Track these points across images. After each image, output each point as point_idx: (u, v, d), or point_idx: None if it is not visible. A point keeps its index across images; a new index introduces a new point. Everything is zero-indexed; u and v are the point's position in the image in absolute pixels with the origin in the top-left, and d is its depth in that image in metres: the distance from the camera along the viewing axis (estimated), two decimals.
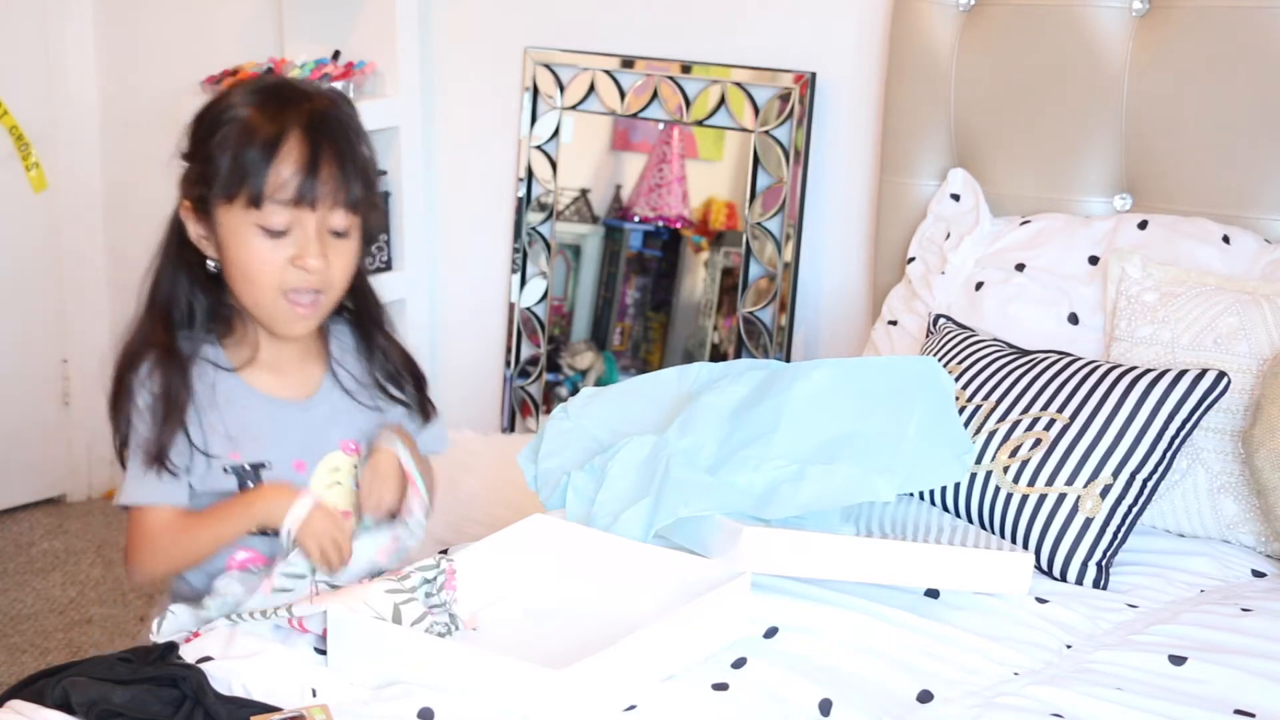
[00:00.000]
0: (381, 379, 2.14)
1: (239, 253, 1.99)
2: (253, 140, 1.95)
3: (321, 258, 1.98)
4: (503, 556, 2.07)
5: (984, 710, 1.81)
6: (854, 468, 2.12)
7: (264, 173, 1.94)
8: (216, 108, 2.01)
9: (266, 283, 2.00)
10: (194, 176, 2.02)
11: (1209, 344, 2.30)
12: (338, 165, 1.97)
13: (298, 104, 1.98)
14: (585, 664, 1.75)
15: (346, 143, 1.99)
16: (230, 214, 1.98)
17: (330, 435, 2.10)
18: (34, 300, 4.09)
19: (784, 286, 3.07)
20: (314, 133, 1.96)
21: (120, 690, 1.78)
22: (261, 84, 2.02)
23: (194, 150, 2.02)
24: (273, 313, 2.03)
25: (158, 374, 2.02)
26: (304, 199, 1.96)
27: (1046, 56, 2.65)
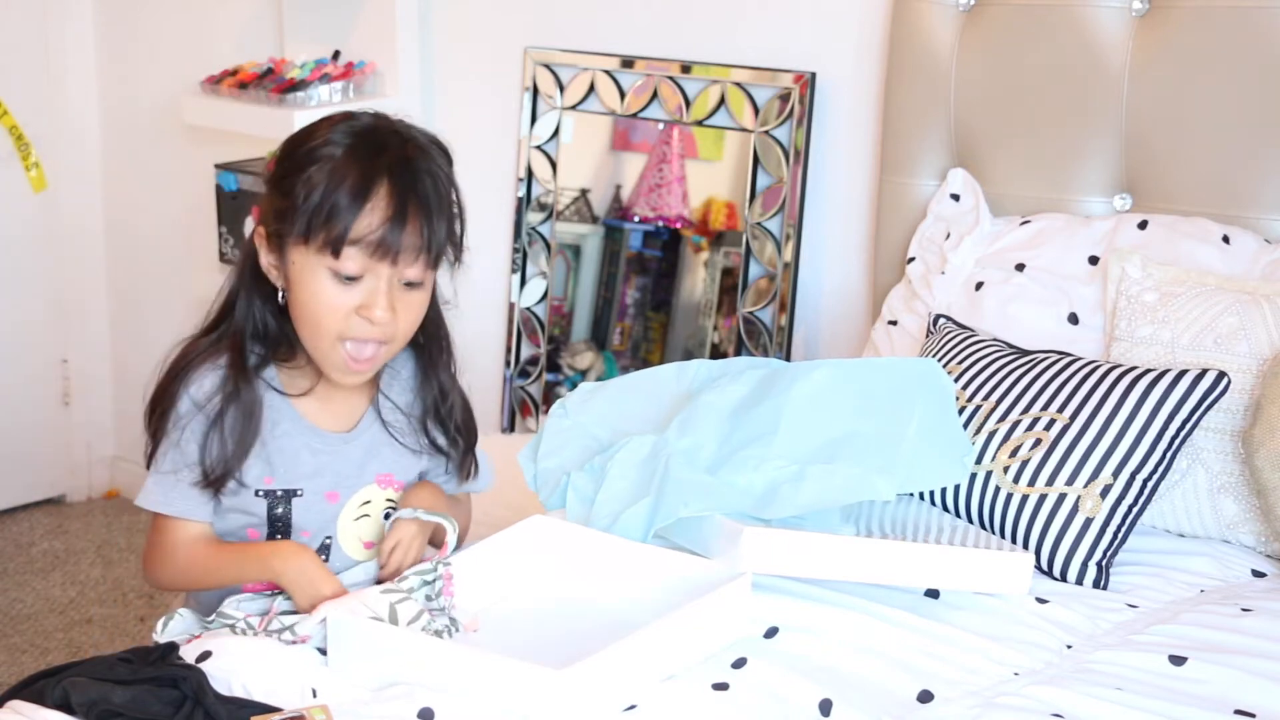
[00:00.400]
0: (430, 424, 2.10)
1: (306, 293, 1.94)
2: (340, 185, 1.90)
3: (389, 310, 1.94)
4: (503, 557, 2.07)
5: (984, 710, 1.81)
6: (854, 468, 2.12)
7: (348, 221, 1.89)
8: (308, 143, 1.96)
9: (328, 327, 1.95)
10: (273, 208, 1.96)
11: (1209, 344, 2.30)
12: (423, 219, 1.92)
13: (391, 151, 1.93)
14: (585, 664, 1.75)
15: (435, 195, 1.94)
16: (304, 254, 1.93)
17: (367, 468, 2.07)
18: (34, 300, 4.09)
19: (784, 286, 3.07)
20: (403, 184, 1.92)
21: (120, 690, 1.78)
22: (358, 124, 1.96)
23: (278, 181, 1.97)
24: (328, 359, 1.99)
25: (225, 388, 1.98)
26: (383, 252, 1.91)
27: (1046, 56, 2.65)
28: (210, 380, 1.99)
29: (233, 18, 3.80)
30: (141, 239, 4.14)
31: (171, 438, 2.00)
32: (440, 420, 2.10)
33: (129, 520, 4.07)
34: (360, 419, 2.07)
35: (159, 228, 4.09)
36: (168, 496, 2.01)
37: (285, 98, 3.39)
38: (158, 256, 4.10)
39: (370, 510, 2.07)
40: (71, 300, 4.15)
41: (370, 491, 2.07)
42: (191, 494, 2.00)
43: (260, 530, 2.04)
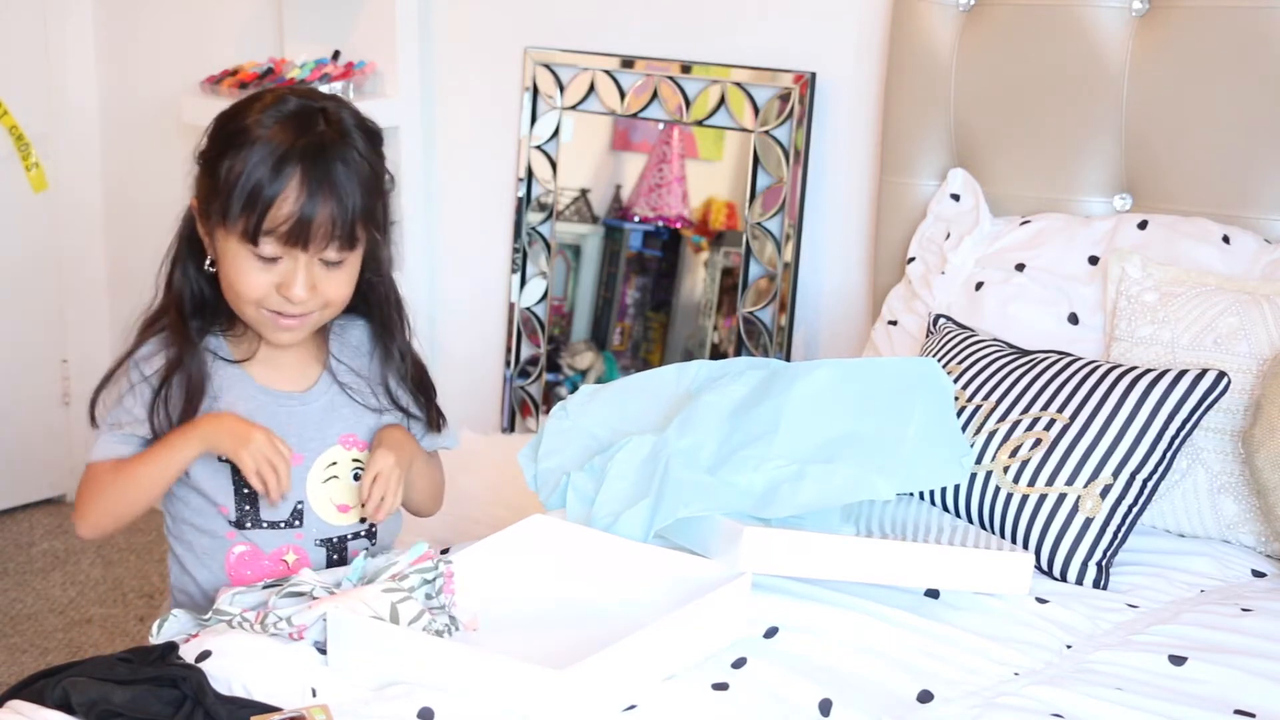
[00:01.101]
0: (393, 385, 2.15)
1: (229, 269, 2.02)
2: (257, 174, 1.96)
3: (308, 289, 2.00)
4: (503, 557, 2.07)
5: (984, 710, 1.81)
6: (854, 468, 2.12)
7: (262, 210, 1.96)
8: (234, 122, 2.02)
9: (249, 299, 2.02)
10: (202, 185, 2.04)
11: (1209, 344, 2.30)
12: (336, 205, 1.98)
13: (309, 137, 1.98)
14: (585, 664, 1.75)
15: (349, 183, 1.99)
16: (225, 235, 2.00)
17: (328, 430, 2.11)
18: (34, 300, 4.09)
19: (784, 286, 3.07)
20: (316, 172, 1.97)
21: (120, 690, 1.78)
22: (285, 108, 2.01)
23: (207, 158, 2.04)
24: (255, 322, 2.06)
25: (168, 354, 2.05)
26: (294, 239, 1.98)
27: (1046, 56, 2.65)
28: (151, 348, 2.07)
29: (233, 18, 3.79)
30: (141, 239, 4.13)
31: (114, 395, 2.07)
32: (399, 382, 2.16)
33: None
34: (316, 381, 2.12)
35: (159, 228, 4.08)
36: (102, 444, 2.06)
37: None
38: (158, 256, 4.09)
39: (338, 471, 2.10)
40: (71, 300, 4.15)
41: (335, 453, 2.10)
42: (120, 437, 2.06)
43: (229, 505, 2.07)
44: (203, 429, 2.02)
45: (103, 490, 2.06)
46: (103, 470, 2.06)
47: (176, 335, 2.07)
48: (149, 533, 3.98)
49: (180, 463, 2.03)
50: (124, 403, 2.07)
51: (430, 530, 2.49)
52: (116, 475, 2.05)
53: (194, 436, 2.02)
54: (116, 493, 2.05)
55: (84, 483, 2.09)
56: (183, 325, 2.07)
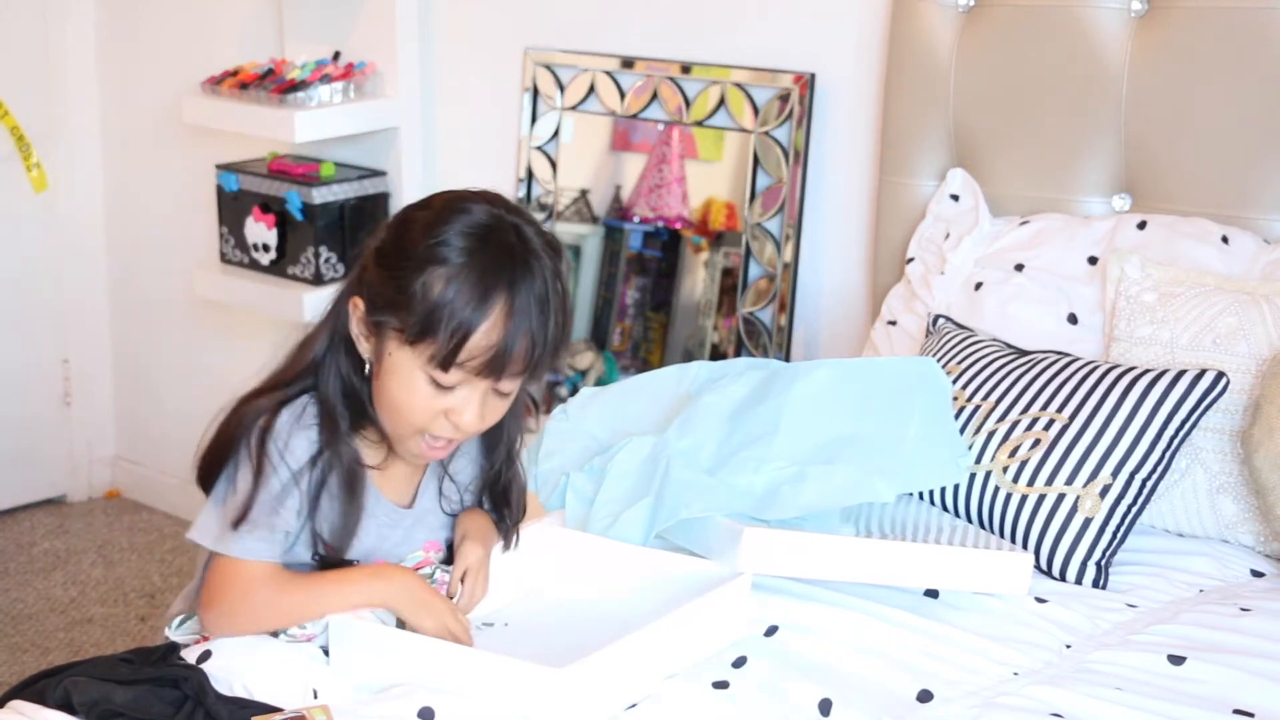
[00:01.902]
0: (484, 497, 2.08)
1: (397, 386, 1.90)
2: (458, 302, 1.84)
3: (479, 419, 1.91)
4: (504, 559, 2.07)
5: (984, 710, 1.81)
6: (854, 469, 2.13)
7: (459, 341, 1.85)
8: (431, 231, 1.88)
9: (412, 422, 1.91)
10: (381, 294, 1.89)
11: (1208, 344, 2.30)
12: (535, 342, 1.88)
13: (511, 264, 1.87)
14: (585, 663, 1.75)
15: (548, 310, 1.89)
16: (405, 352, 1.88)
17: (415, 537, 2.03)
18: (34, 300, 4.09)
19: (784, 287, 3.07)
20: (520, 306, 1.86)
21: (121, 690, 1.78)
22: (474, 221, 1.89)
23: (392, 265, 1.89)
24: (403, 444, 1.95)
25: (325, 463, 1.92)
26: (488, 372, 1.87)
27: (1046, 56, 2.65)
28: (299, 443, 1.92)
29: (233, 18, 3.80)
30: (142, 239, 4.14)
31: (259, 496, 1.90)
32: (493, 495, 2.08)
33: (130, 520, 4.07)
34: (418, 491, 2.04)
35: (159, 228, 4.09)
36: (245, 540, 1.90)
37: (286, 98, 3.39)
38: (158, 257, 4.10)
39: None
40: (72, 300, 4.15)
41: (415, 557, 2.04)
42: (278, 540, 1.92)
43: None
44: (382, 589, 1.91)
45: (256, 601, 1.90)
46: (253, 575, 1.90)
47: (332, 437, 1.92)
48: (150, 533, 3.98)
49: (344, 609, 1.90)
50: (279, 510, 1.90)
51: None
52: (276, 595, 1.89)
53: (371, 592, 1.91)
54: (274, 615, 1.90)
55: (226, 583, 1.90)
56: (334, 425, 1.93)
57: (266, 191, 3.50)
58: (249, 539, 1.90)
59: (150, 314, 4.15)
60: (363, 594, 1.91)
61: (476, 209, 1.90)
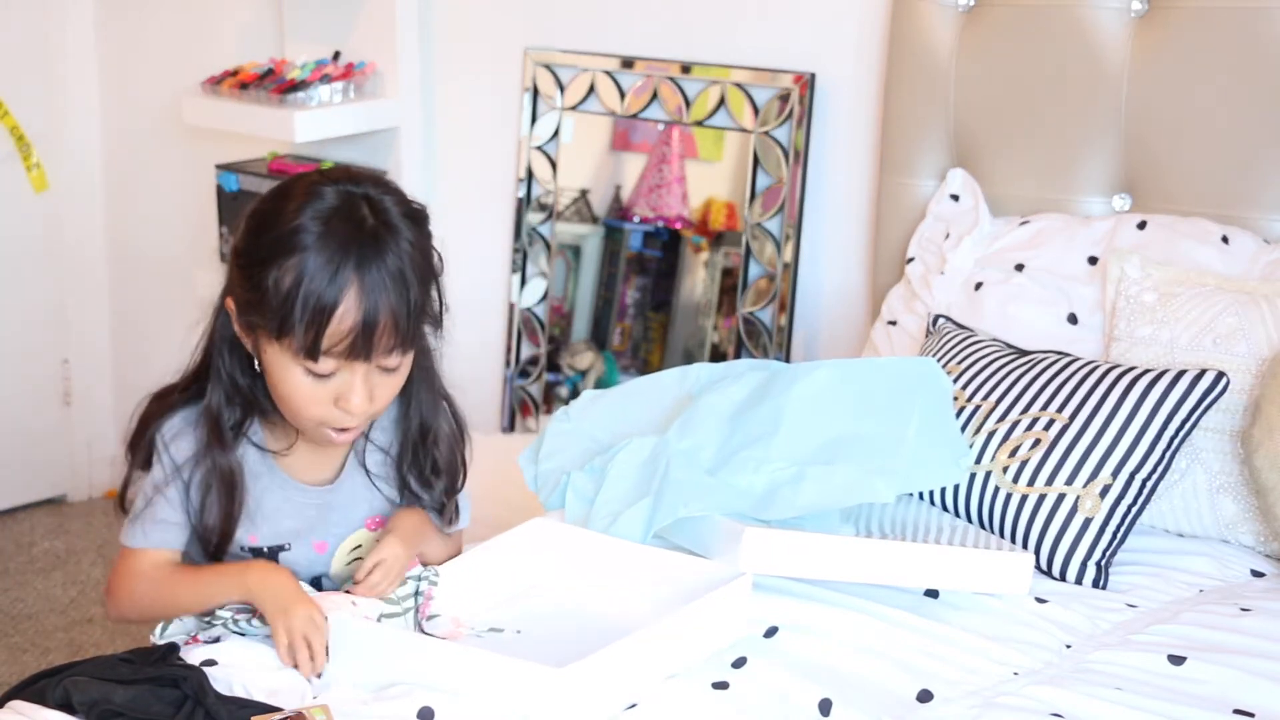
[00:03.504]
0: (406, 463, 2.05)
1: (281, 383, 1.90)
2: (309, 289, 1.82)
3: (367, 400, 1.89)
4: (504, 559, 2.07)
5: (984, 710, 1.81)
6: (854, 469, 2.13)
7: (319, 331, 1.83)
8: (273, 224, 1.87)
9: (306, 415, 1.91)
10: (243, 294, 1.89)
11: (1208, 344, 2.30)
12: (397, 314, 1.85)
13: (361, 240, 1.84)
14: (585, 663, 1.75)
15: (406, 281, 1.86)
16: (274, 348, 1.88)
17: (353, 514, 2.03)
18: (34, 300, 4.09)
19: (784, 286, 3.07)
20: (374, 281, 1.84)
21: (121, 690, 1.78)
22: (325, 204, 1.86)
23: (246, 266, 1.88)
24: (311, 435, 1.96)
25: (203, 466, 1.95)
26: (356, 353, 1.85)
27: (1046, 56, 2.65)
28: (186, 441, 1.96)
29: (233, 18, 3.79)
30: (142, 239, 4.14)
31: (151, 488, 1.97)
32: (416, 461, 2.05)
33: None
34: (342, 468, 2.03)
35: (160, 228, 4.08)
36: (146, 531, 1.97)
37: (286, 98, 3.39)
38: (158, 257, 4.10)
39: (363, 553, 2.03)
40: (72, 300, 4.15)
41: (361, 535, 2.04)
42: (159, 524, 1.97)
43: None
44: (251, 583, 1.91)
45: (138, 590, 1.97)
46: (140, 565, 1.97)
47: (212, 440, 1.95)
48: None
49: (219, 602, 1.93)
50: (157, 504, 1.96)
51: None
52: (156, 585, 1.96)
53: (240, 586, 1.92)
54: (151, 602, 1.97)
55: (120, 570, 1.99)
56: (219, 430, 1.95)
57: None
58: (136, 529, 1.97)
59: (150, 314, 4.15)
60: (231, 589, 1.93)
61: (325, 191, 1.88)
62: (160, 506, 1.96)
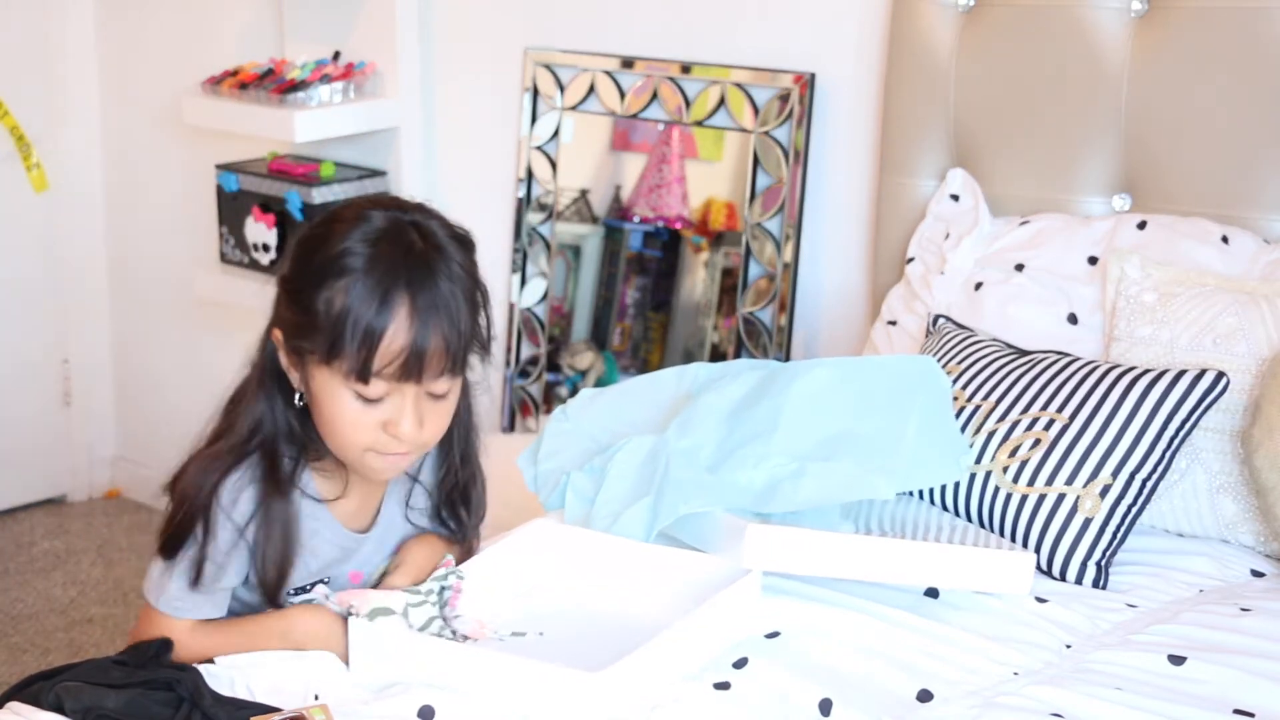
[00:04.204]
0: (443, 504, 2.06)
1: (330, 410, 1.88)
2: (360, 310, 1.82)
3: (416, 426, 1.87)
4: (509, 560, 2.07)
5: (984, 710, 1.81)
6: (854, 466, 2.13)
7: (370, 349, 1.82)
8: (323, 250, 1.86)
9: (355, 443, 1.89)
10: (292, 319, 1.88)
11: (1208, 344, 2.30)
12: (447, 335, 1.85)
13: (411, 263, 1.84)
14: (619, 666, 1.75)
15: (457, 303, 1.86)
16: (326, 374, 1.86)
17: (386, 547, 2.03)
18: (34, 300, 4.09)
19: (784, 287, 3.07)
20: (426, 303, 1.83)
21: (114, 695, 1.76)
22: (373, 227, 1.86)
23: (296, 292, 1.88)
24: (358, 466, 1.94)
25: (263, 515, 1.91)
26: (407, 375, 1.84)
27: (1046, 56, 2.65)
28: (246, 498, 1.92)
29: (233, 18, 3.80)
30: (142, 239, 4.14)
31: (210, 555, 1.91)
32: (449, 499, 2.06)
33: (129, 520, 4.07)
34: (378, 513, 2.03)
35: (159, 228, 4.09)
36: (198, 604, 1.93)
37: (286, 98, 3.39)
38: (158, 257, 4.10)
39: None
40: (72, 300, 4.15)
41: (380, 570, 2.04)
42: (209, 597, 1.94)
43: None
44: (297, 636, 1.91)
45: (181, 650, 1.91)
46: (177, 629, 1.92)
47: (271, 485, 1.91)
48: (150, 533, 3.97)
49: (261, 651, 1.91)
50: (225, 570, 1.91)
51: None
52: (197, 647, 1.91)
53: (285, 639, 1.91)
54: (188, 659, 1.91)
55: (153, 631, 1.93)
56: (276, 474, 1.92)
57: (266, 191, 3.50)
58: (190, 600, 1.92)
59: (150, 314, 4.15)
60: (275, 641, 1.91)
61: (373, 215, 1.88)
62: (223, 576, 1.92)
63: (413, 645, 1.84)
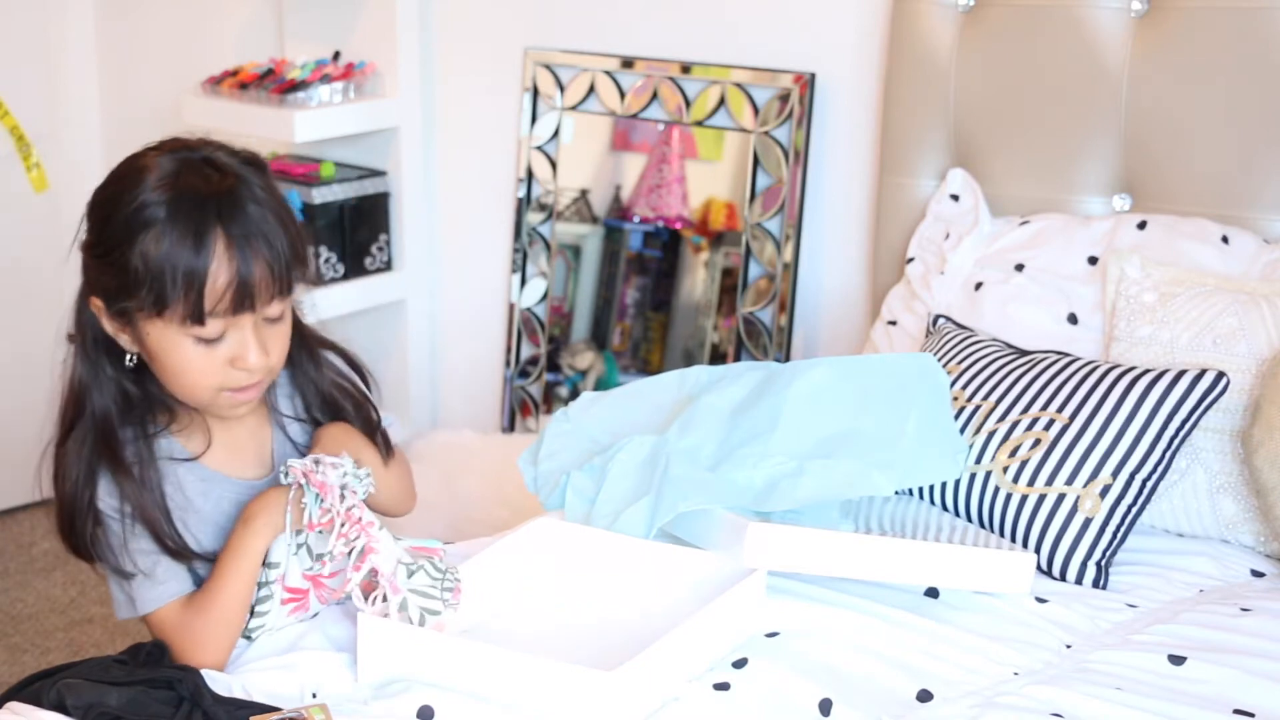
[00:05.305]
0: (320, 414, 2.04)
1: (172, 361, 1.86)
2: (177, 254, 1.80)
3: (262, 354, 1.87)
4: (510, 559, 2.07)
5: (984, 710, 1.81)
6: (853, 464, 2.13)
7: (199, 293, 1.80)
8: (123, 206, 1.84)
9: (204, 385, 1.88)
10: (108, 282, 1.86)
11: (1208, 344, 2.30)
12: (270, 258, 1.84)
13: (213, 195, 1.83)
14: (633, 664, 1.75)
15: (270, 226, 1.84)
16: (159, 326, 1.84)
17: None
18: (34, 301, 4.09)
19: (784, 287, 3.07)
20: (238, 230, 1.82)
21: (116, 693, 1.77)
22: (166, 171, 1.85)
23: (104, 251, 1.86)
24: (212, 405, 1.92)
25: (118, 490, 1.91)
26: (240, 306, 1.83)
27: (1046, 57, 2.65)
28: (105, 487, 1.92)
29: (233, 18, 3.80)
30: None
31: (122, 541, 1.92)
32: (322, 404, 2.04)
33: None
34: (272, 454, 2.01)
35: None
36: (153, 588, 1.92)
37: (286, 98, 3.39)
38: None
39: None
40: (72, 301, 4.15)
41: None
42: (172, 571, 1.92)
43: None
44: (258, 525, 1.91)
45: (199, 631, 1.90)
46: (181, 616, 1.91)
47: (113, 464, 1.90)
48: None
49: (257, 566, 1.92)
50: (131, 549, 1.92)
51: (431, 530, 2.49)
52: (206, 612, 1.91)
53: (254, 533, 1.91)
54: (221, 620, 1.91)
55: (169, 633, 1.92)
56: (116, 454, 1.90)
57: None
58: (151, 588, 1.92)
59: None
60: (251, 542, 1.91)
61: (162, 161, 1.87)
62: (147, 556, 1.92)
63: (420, 642, 1.84)
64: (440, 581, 1.93)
